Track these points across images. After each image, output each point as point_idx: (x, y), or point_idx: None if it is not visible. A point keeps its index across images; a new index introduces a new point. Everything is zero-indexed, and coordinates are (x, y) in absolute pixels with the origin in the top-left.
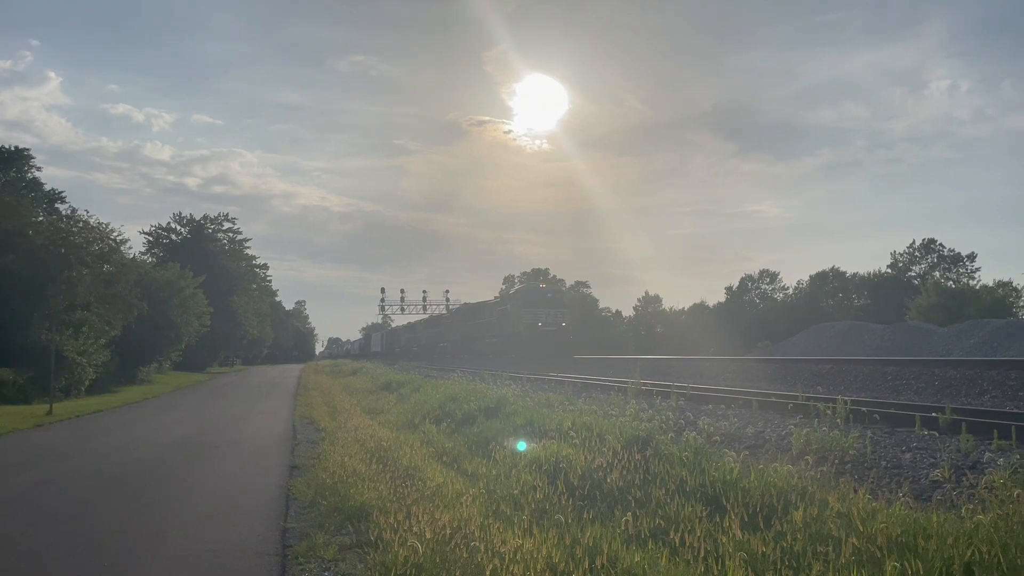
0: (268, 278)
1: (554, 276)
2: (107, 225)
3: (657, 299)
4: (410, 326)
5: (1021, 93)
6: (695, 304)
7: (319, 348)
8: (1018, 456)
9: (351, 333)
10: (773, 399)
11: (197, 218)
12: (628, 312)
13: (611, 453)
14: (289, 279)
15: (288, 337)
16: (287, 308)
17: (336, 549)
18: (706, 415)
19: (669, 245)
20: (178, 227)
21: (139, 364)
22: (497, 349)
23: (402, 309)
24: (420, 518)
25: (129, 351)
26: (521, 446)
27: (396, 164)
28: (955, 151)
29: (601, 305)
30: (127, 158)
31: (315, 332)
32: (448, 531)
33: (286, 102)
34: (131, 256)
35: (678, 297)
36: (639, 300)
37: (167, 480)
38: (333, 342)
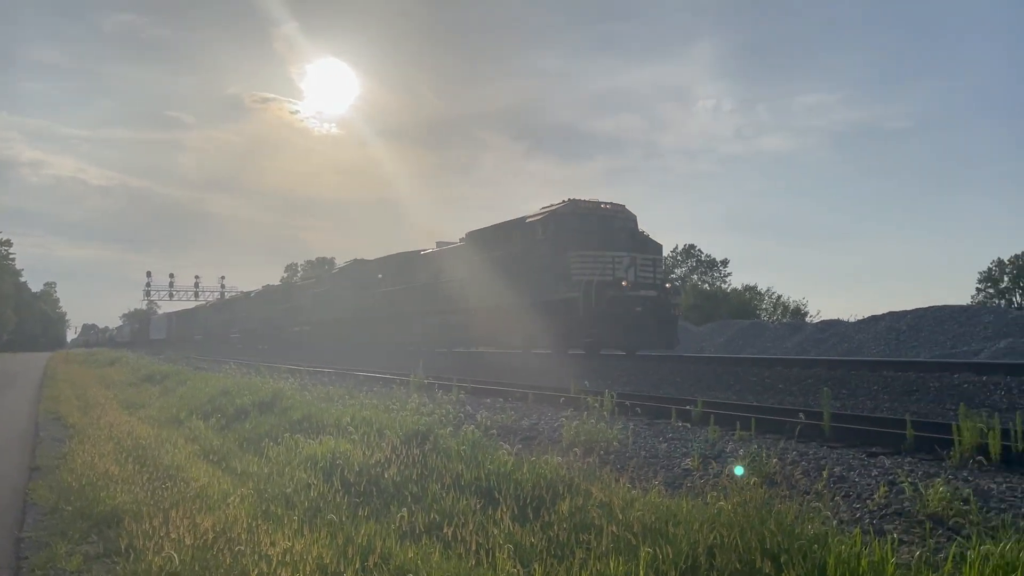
0: (11, 256)
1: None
2: None
3: None
4: (210, 307)
5: (773, 116)
6: None
7: (71, 335)
8: (756, 446)
9: (110, 320)
10: (548, 393)
11: None
12: None
13: (390, 448)
14: (36, 257)
15: (34, 323)
16: (34, 290)
17: (80, 560)
18: (485, 408)
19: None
20: None
21: None
22: (314, 336)
23: (171, 295)
24: (180, 522)
25: None
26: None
27: (170, 138)
28: (717, 165)
29: None
30: None
31: (67, 318)
32: (211, 535)
33: (41, 59)
34: None
35: None
36: None
37: None
38: (88, 329)
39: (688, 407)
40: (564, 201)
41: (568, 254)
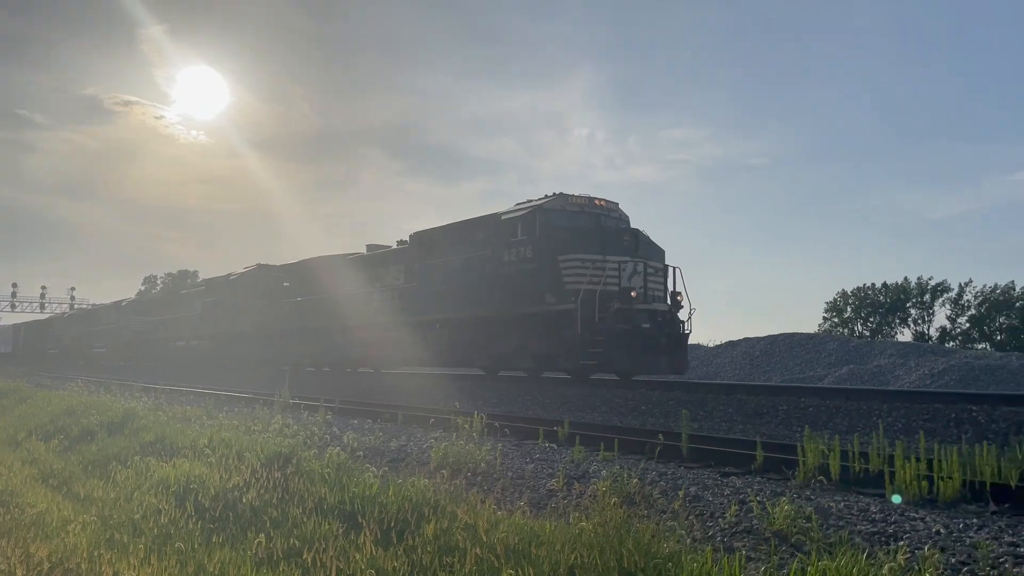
0: None
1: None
2: None
3: None
4: (68, 318)
5: (643, 148)
6: None
7: None
8: (618, 466)
9: None
10: (419, 413)
11: None
12: None
13: (249, 471)
14: None
15: None
16: None
17: None
18: (353, 429)
19: None
20: None
21: None
22: (202, 352)
23: (13, 306)
24: (11, 552)
25: None
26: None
27: (18, 137)
28: (590, 192)
29: None
30: None
31: None
32: (47, 566)
33: None
34: None
35: None
36: None
37: None
38: None
39: (555, 428)
40: (550, 195)
41: (559, 258)
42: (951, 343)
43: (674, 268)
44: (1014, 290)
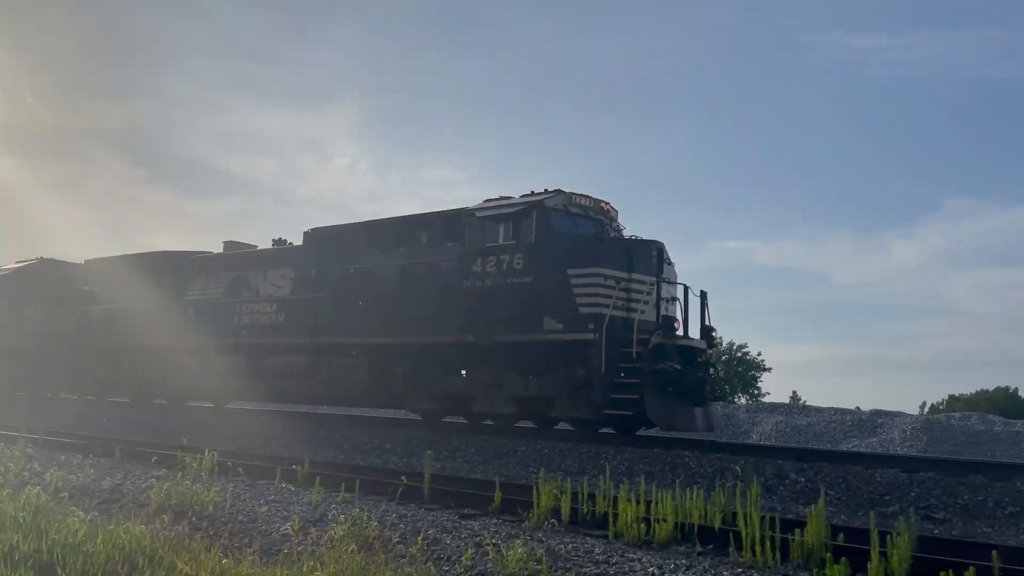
0: None
1: None
2: None
3: None
4: None
5: (404, 184)
6: None
7: None
8: (357, 509)
9: None
10: (139, 448)
11: None
12: None
13: None
14: None
15: None
16: None
17: None
18: (58, 466)
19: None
20: None
21: None
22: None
23: None
24: None
25: None
26: None
27: None
28: (350, 221)
29: None
30: None
31: None
32: None
33: None
34: None
35: None
36: None
37: None
38: None
39: (294, 466)
40: (549, 191)
41: (570, 271)
42: None
43: (702, 293)
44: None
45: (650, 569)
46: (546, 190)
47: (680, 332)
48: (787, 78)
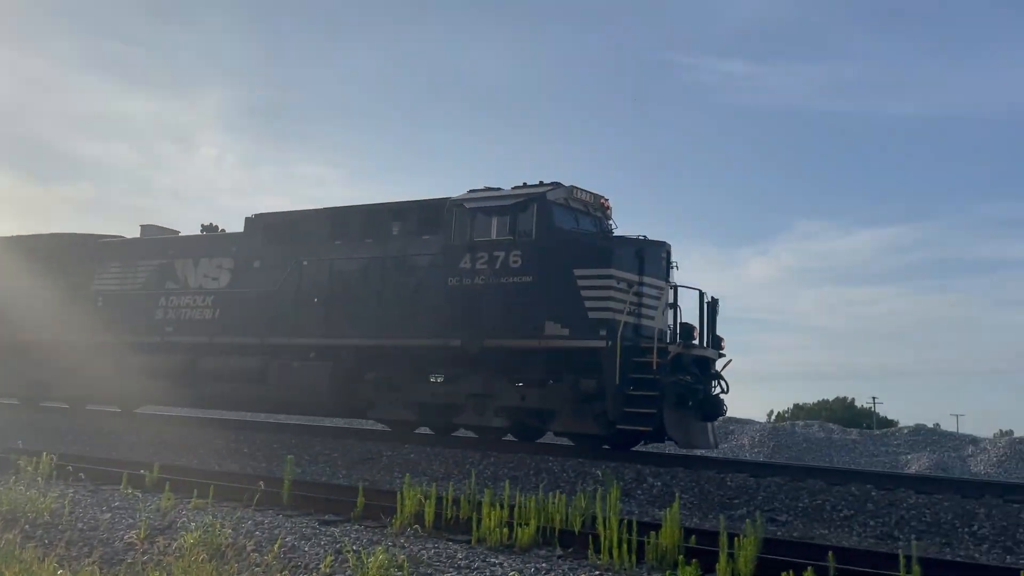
0: None
1: None
2: None
3: None
4: None
5: (275, 180)
6: None
7: None
8: (210, 516)
9: None
10: None
11: None
12: None
13: None
14: None
15: None
16: None
17: None
18: None
19: None
20: None
21: None
22: None
23: None
24: None
25: None
26: None
27: None
28: (214, 215)
29: None
30: None
31: None
32: None
33: None
34: None
35: None
36: None
37: None
38: None
39: (143, 471)
40: (548, 184)
41: (577, 272)
42: None
43: (713, 299)
44: None
45: (511, 573)
46: (541, 182)
47: (696, 342)
48: (659, 95)
